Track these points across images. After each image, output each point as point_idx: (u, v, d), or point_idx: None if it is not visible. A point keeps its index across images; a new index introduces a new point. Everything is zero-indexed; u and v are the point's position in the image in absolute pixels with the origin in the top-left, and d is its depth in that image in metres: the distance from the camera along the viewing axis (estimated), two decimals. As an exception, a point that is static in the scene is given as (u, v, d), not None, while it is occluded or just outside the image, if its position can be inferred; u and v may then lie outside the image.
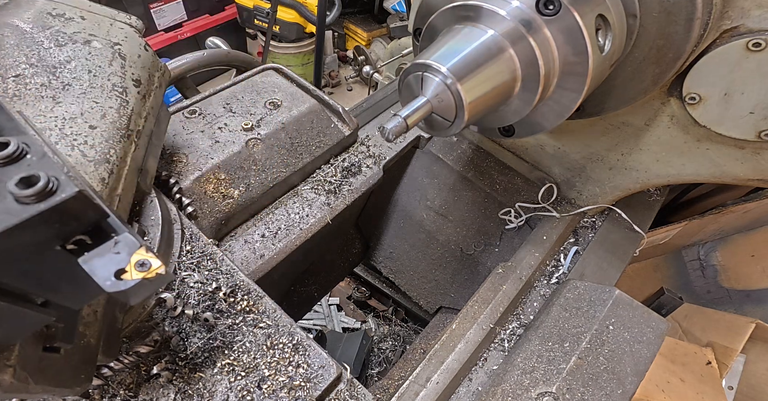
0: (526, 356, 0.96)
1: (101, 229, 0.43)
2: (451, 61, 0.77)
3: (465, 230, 1.54)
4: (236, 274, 0.90)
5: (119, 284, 0.41)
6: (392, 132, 0.76)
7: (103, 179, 0.71)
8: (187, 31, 4.27)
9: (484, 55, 0.79)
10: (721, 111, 0.92)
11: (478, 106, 0.81)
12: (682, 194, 1.96)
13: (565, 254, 1.25)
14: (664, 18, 0.83)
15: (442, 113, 0.81)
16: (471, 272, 1.56)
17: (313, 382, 0.80)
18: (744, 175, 1.02)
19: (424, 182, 1.57)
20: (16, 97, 0.72)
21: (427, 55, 0.79)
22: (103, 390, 0.75)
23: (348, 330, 2.75)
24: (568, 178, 1.31)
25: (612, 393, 0.88)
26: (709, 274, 2.16)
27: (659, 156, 1.10)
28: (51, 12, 0.81)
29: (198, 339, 0.82)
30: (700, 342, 1.90)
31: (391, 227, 1.75)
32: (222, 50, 1.71)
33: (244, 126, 1.17)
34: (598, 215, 1.34)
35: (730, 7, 0.83)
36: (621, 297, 1.01)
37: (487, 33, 0.79)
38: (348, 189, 1.25)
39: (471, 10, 0.81)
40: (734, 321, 1.86)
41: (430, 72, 0.78)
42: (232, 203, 1.09)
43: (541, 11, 0.77)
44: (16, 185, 0.38)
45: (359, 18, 5.02)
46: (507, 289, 1.13)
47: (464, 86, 0.77)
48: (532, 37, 0.78)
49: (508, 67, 0.80)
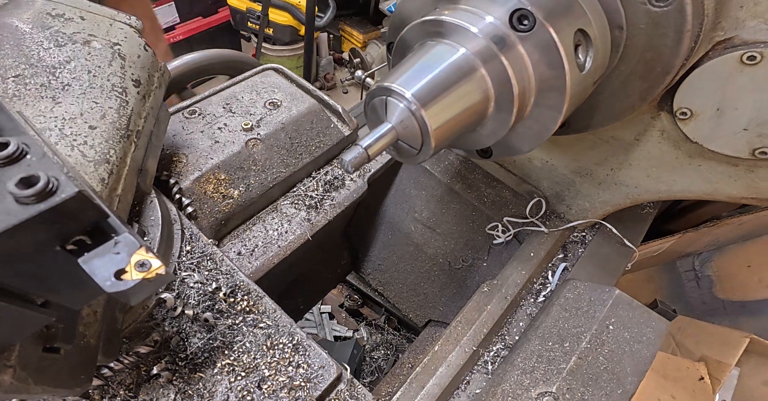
0: (526, 356, 0.96)
1: (101, 229, 0.43)
2: (417, 86, 0.72)
3: (453, 243, 1.50)
4: (236, 274, 0.90)
5: (119, 284, 0.41)
6: (351, 164, 0.71)
7: (102, 180, 0.71)
8: (180, 34, 4.23)
9: (453, 77, 0.74)
10: (714, 127, 0.88)
11: (446, 131, 0.76)
12: (678, 202, 1.94)
13: (553, 271, 1.21)
14: (652, 30, 0.78)
15: (408, 141, 0.76)
16: (459, 286, 1.53)
17: (313, 382, 0.80)
18: (737, 193, 0.98)
19: (412, 193, 1.53)
20: (16, 98, 0.72)
21: (392, 78, 0.74)
22: (103, 391, 0.75)
23: (339, 339, 2.72)
24: (557, 192, 1.27)
25: (612, 393, 0.88)
26: (704, 285, 2.12)
27: (650, 172, 1.06)
28: (50, 12, 0.81)
29: (198, 339, 0.82)
30: (693, 355, 1.86)
31: (380, 238, 1.71)
32: (222, 51, 1.71)
33: (244, 126, 1.17)
34: (588, 230, 1.30)
35: (724, 18, 0.78)
36: (621, 297, 1.01)
37: (457, 51, 0.75)
38: (330, 204, 1.21)
39: (441, 26, 0.76)
40: (728, 334, 1.81)
41: (394, 97, 0.73)
42: (232, 204, 1.09)
43: (515, 27, 0.72)
44: (15, 185, 0.38)
45: (355, 20, 5.01)
46: (492, 309, 1.09)
47: (429, 112, 0.72)
48: (504, 56, 0.73)
49: (479, 87, 0.76)
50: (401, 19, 0.90)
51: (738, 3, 0.76)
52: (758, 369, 1.77)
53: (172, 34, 4.24)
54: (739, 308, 2.01)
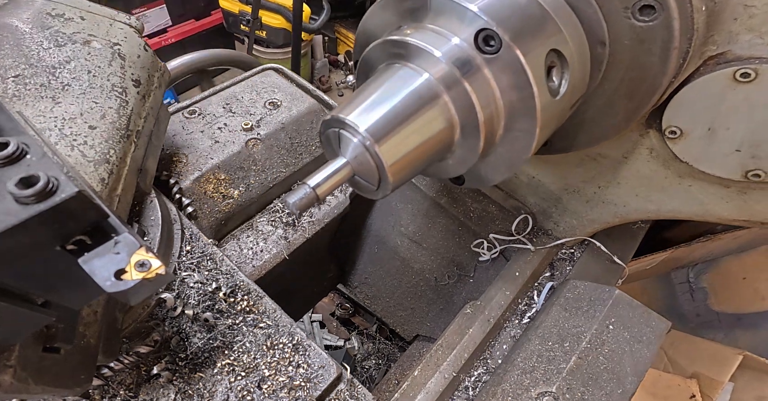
0: (526, 355, 0.96)
1: (101, 229, 0.43)
2: (372, 119, 0.66)
3: (439, 258, 1.47)
4: (236, 274, 0.90)
5: (119, 284, 0.41)
6: (297, 207, 0.63)
7: (102, 180, 0.71)
8: (172, 36, 4.18)
9: (413, 106, 0.68)
10: (705, 147, 0.82)
11: (407, 165, 0.70)
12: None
13: (539, 290, 1.16)
14: (637, 46, 0.72)
15: (365, 177, 0.69)
16: (446, 303, 1.49)
17: (313, 382, 0.81)
18: (729, 215, 0.93)
19: (398, 207, 1.49)
20: (16, 98, 0.72)
21: (347, 110, 0.67)
22: (103, 391, 0.75)
23: (330, 348, 2.69)
24: (543, 208, 1.23)
25: (612, 393, 0.88)
26: (699, 297, 2.05)
27: (638, 191, 1.02)
28: (50, 12, 0.81)
29: (198, 339, 0.82)
30: (686, 372, 1.83)
31: (366, 252, 1.66)
32: (222, 50, 1.71)
33: (244, 126, 1.17)
34: (577, 246, 1.25)
35: (716, 31, 0.72)
36: (621, 297, 1.01)
37: (420, 77, 0.68)
38: (309, 221, 1.17)
39: (404, 48, 0.70)
40: (721, 351, 1.77)
41: (347, 131, 0.67)
42: (232, 203, 1.10)
43: (480, 48, 0.66)
44: (15, 185, 0.38)
45: (350, 22, 5.00)
46: (473, 332, 1.04)
47: (385, 147, 0.66)
48: (467, 81, 0.67)
49: (442, 114, 0.70)
50: (366, 36, 0.83)
51: (731, 15, 0.71)
52: (752, 383, 1.73)
53: (164, 37, 4.20)
54: (734, 320, 1.96)
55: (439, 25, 0.70)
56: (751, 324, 1.90)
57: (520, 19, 0.66)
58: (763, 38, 0.71)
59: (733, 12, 0.70)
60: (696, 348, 1.86)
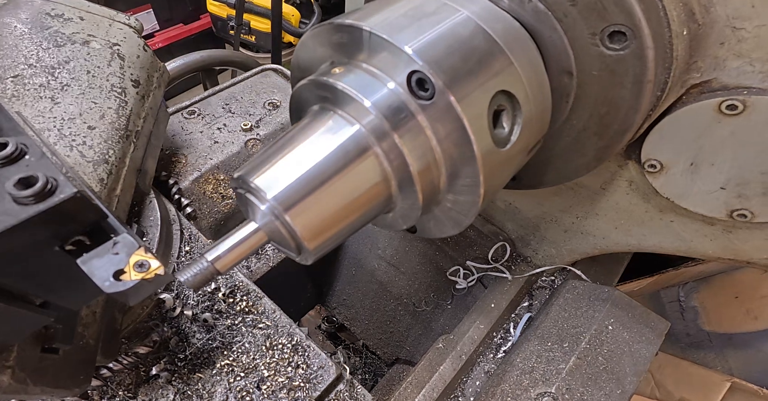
0: (525, 356, 0.96)
1: (100, 230, 0.43)
2: (285, 183, 0.56)
3: (417, 283, 1.41)
4: (235, 275, 0.90)
5: (118, 284, 0.41)
6: (191, 284, 0.53)
7: (101, 180, 0.71)
8: (159, 41, 4.12)
9: (338, 163, 0.59)
10: (687, 183, 0.76)
11: (328, 230, 0.60)
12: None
13: (516, 322, 1.09)
14: (607, 78, 0.63)
15: (282, 244, 0.60)
16: (425, 328, 1.44)
17: (312, 383, 0.80)
18: (713, 253, 0.87)
19: (375, 229, 1.41)
20: (15, 98, 0.72)
21: (257, 170, 0.58)
22: (102, 391, 0.75)
23: None
24: (521, 235, 1.16)
25: (611, 393, 0.88)
26: (689, 316, 1.98)
27: (618, 224, 0.95)
28: (49, 12, 0.81)
29: (197, 339, 0.82)
30: (672, 397, 1.77)
31: (343, 274, 1.60)
32: (222, 50, 1.71)
33: (243, 126, 1.17)
34: (558, 272, 1.18)
35: (700, 57, 0.64)
36: (620, 297, 1.02)
37: (350, 128, 0.60)
38: (273, 249, 1.11)
39: (330, 91, 0.61)
40: (709, 377, 1.71)
41: (254, 196, 0.57)
42: (232, 204, 1.09)
43: (415, 93, 0.57)
44: (14, 185, 0.38)
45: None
46: (444, 370, 0.98)
47: (298, 215, 0.56)
48: (398, 133, 0.58)
49: (374, 169, 0.61)
50: (299, 70, 0.73)
51: (718, 39, 0.62)
52: (743, 406, 1.68)
53: (151, 42, 4.14)
54: (725, 340, 1.88)
55: (373, 65, 0.60)
56: (742, 344, 1.84)
57: (462, 58, 0.58)
58: (753, 65, 0.63)
59: (720, 35, 0.62)
60: (684, 373, 1.82)
